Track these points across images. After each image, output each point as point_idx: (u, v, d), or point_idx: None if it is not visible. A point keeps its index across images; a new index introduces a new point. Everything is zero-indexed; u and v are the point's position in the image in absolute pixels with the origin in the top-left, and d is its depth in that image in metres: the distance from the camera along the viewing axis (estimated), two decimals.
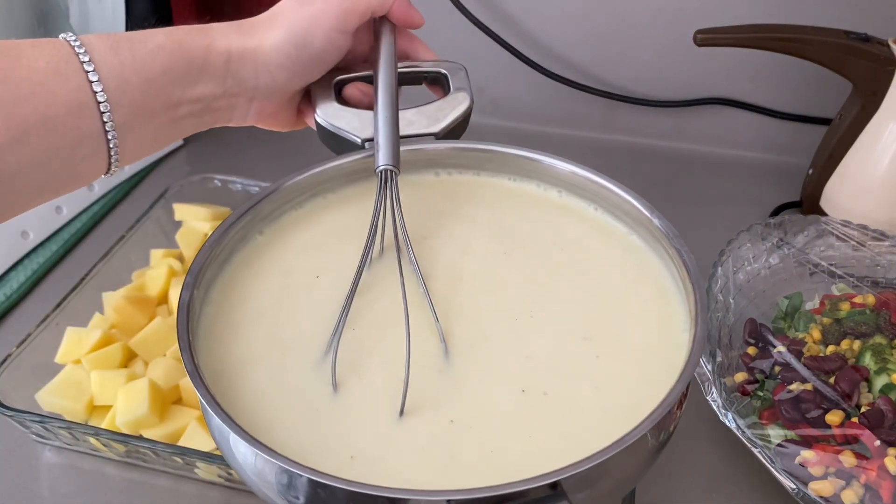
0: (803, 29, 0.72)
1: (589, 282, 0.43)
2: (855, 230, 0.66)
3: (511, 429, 0.35)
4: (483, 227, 0.46)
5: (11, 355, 0.58)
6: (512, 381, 0.37)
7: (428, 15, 0.96)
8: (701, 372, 0.57)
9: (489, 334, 0.40)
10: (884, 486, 0.49)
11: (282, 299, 0.42)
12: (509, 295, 0.42)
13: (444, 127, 0.47)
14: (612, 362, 0.38)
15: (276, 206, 0.46)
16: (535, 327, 0.40)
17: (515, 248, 0.45)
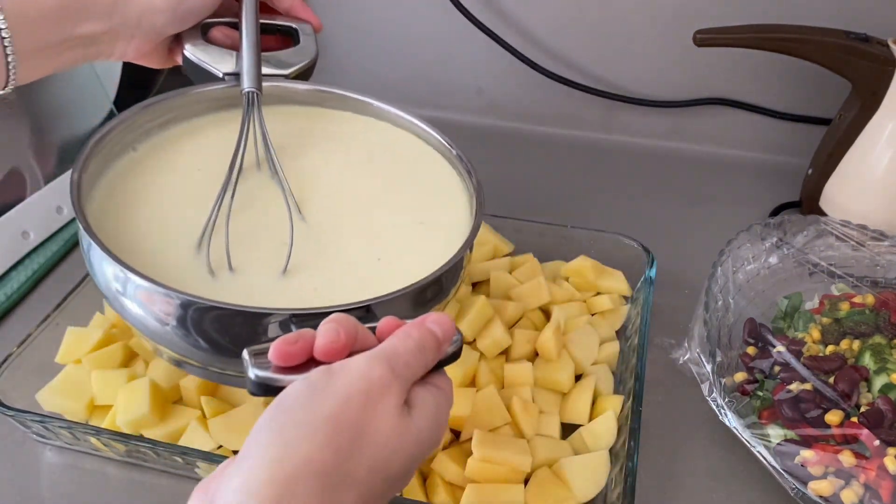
0: (803, 29, 0.72)
1: (415, 183, 0.58)
2: (854, 230, 0.66)
3: (351, 279, 0.49)
4: (331, 142, 0.59)
5: (12, 355, 0.59)
6: (359, 250, 0.51)
7: (428, 15, 0.97)
8: (701, 372, 0.57)
9: (342, 218, 0.53)
10: (883, 485, 0.49)
11: (163, 194, 0.52)
12: (357, 190, 0.55)
13: (294, 70, 0.58)
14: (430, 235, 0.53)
15: (152, 124, 0.56)
16: (374, 214, 0.54)
17: (359, 158, 0.58)
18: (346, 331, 0.36)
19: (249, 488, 0.31)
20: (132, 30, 0.51)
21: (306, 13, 0.59)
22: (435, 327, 0.38)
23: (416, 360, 0.36)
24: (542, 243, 0.73)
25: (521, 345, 0.64)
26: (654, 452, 0.58)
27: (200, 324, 0.42)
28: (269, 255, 0.48)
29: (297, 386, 0.34)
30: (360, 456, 0.33)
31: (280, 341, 0.36)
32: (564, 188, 0.89)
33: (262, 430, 0.33)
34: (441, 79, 1.00)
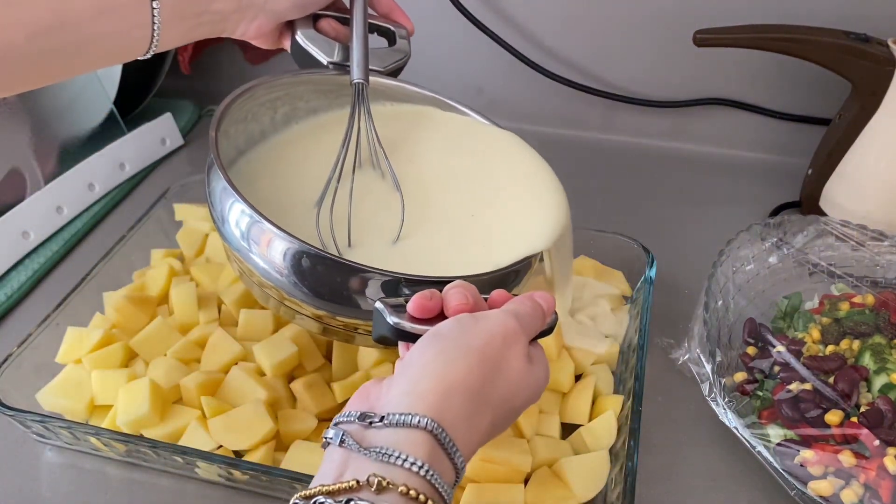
0: (802, 29, 0.72)
1: (507, 172, 0.62)
2: (854, 230, 0.66)
3: (447, 253, 0.54)
4: (429, 133, 0.63)
5: (12, 355, 0.59)
6: (452, 232, 0.55)
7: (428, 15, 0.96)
8: (701, 372, 0.57)
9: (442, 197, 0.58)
10: (883, 485, 0.49)
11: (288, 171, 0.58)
12: (457, 185, 0.59)
13: (389, 66, 0.62)
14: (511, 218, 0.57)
15: (269, 99, 0.60)
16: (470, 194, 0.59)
17: (454, 147, 0.63)
18: (473, 294, 0.44)
19: (416, 391, 0.37)
20: (257, 11, 0.55)
21: (403, 18, 0.64)
22: (542, 301, 0.45)
23: (533, 322, 0.44)
24: None
25: None
26: (654, 452, 0.58)
27: (330, 277, 0.47)
28: (381, 228, 0.54)
29: (449, 323, 0.41)
30: (497, 385, 0.40)
31: (419, 296, 0.43)
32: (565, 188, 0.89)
33: (425, 349, 0.39)
34: (441, 79, 1.00)
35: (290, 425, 0.57)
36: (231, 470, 0.52)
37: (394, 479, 0.34)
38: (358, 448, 0.36)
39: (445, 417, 0.37)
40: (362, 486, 0.34)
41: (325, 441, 0.38)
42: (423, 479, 0.35)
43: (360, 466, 0.35)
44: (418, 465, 0.35)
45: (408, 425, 0.36)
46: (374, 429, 0.37)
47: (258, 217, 0.47)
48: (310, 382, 0.59)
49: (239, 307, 0.65)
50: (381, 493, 0.34)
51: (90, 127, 0.85)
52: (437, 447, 0.36)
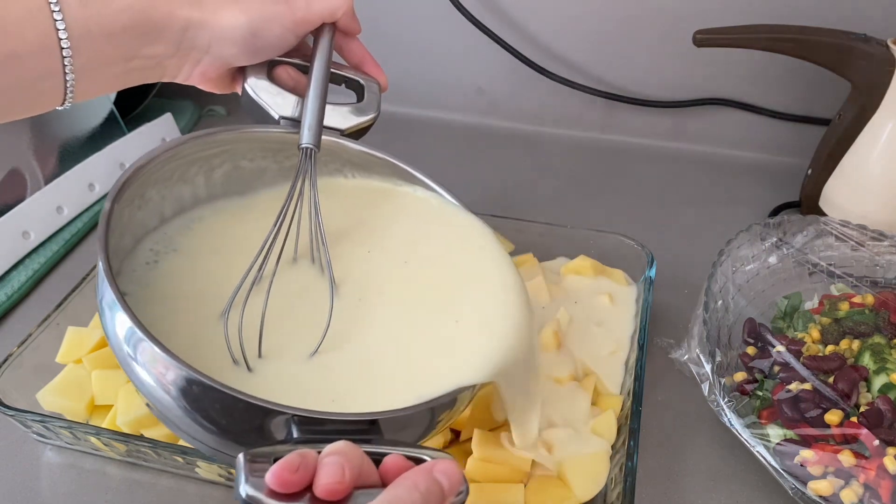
0: (802, 29, 0.72)
1: (457, 275, 0.52)
2: (854, 230, 0.66)
3: (371, 375, 0.44)
4: (378, 222, 0.55)
5: (12, 355, 0.59)
6: (385, 349, 0.46)
7: (428, 15, 0.96)
8: (701, 372, 0.57)
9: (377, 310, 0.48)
10: (883, 485, 0.49)
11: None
12: (406, 289, 0.50)
13: (350, 126, 0.54)
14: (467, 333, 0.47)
15: (201, 155, 0.52)
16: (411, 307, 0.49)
17: (404, 243, 0.53)
18: (351, 469, 0.34)
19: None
20: (200, 55, 0.49)
21: (376, 70, 0.57)
22: (443, 479, 0.36)
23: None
24: (542, 243, 0.73)
25: None
26: (654, 452, 0.58)
27: (201, 401, 0.39)
28: (305, 337, 0.45)
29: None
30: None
31: (281, 466, 0.33)
32: (564, 188, 0.90)
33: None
34: (441, 79, 1.00)
35: None
36: (231, 470, 0.52)
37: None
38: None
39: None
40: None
41: None
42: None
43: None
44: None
45: None
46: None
47: (142, 334, 0.38)
48: None
49: None
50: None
51: (90, 127, 0.85)
52: None
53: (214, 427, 0.39)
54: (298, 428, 0.38)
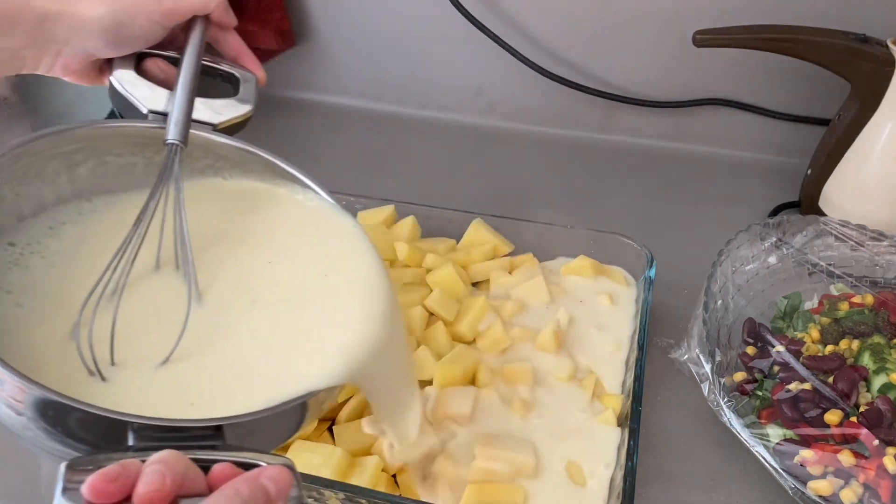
0: (802, 30, 0.72)
1: (326, 277, 0.49)
2: (853, 230, 0.66)
3: (222, 383, 0.42)
4: (246, 224, 0.52)
5: None
6: (241, 355, 0.44)
7: (428, 16, 0.96)
8: (700, 371, 0.57)
9: (231, 323, 0.45)
10: (882, 485, 0.49)
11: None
12: (271, 294, 0.47)
13: (224, 121, 0.51)
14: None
15: (59, 151, 0.48)
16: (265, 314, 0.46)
17: (271, 245, 0.51)
18: (173, 477, 0.32)
19: None
20: (59, 47, 0.47)
21: (251, 63, 0.55)
22: (270, 485, 0.34)
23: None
24: (542, 243, 0.73)
25: (521, 344, 0.64)
26: (654, 452, 0.58)
27: (39, 411, 0.37)
28: (156, 343, 0.43)
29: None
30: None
31: (98, 476, 0.32)
32: (564, 188, 0.90)
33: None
34: (441, 79, 1.00)
35: None
36: None
37: None
38: None
39: None
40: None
41: None
42: None
43: None
44: None
45: None
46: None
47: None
48: None
49: None
50: None
51: None
52: None
53: (61, 437, 0.37)
54: (136, 435, 0.36)
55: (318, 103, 1.06)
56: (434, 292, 0.66)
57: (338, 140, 1.00)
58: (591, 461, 0.55)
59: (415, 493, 0.53)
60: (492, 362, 0.62)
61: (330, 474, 0.52)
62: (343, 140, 1.00)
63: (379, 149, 0.98)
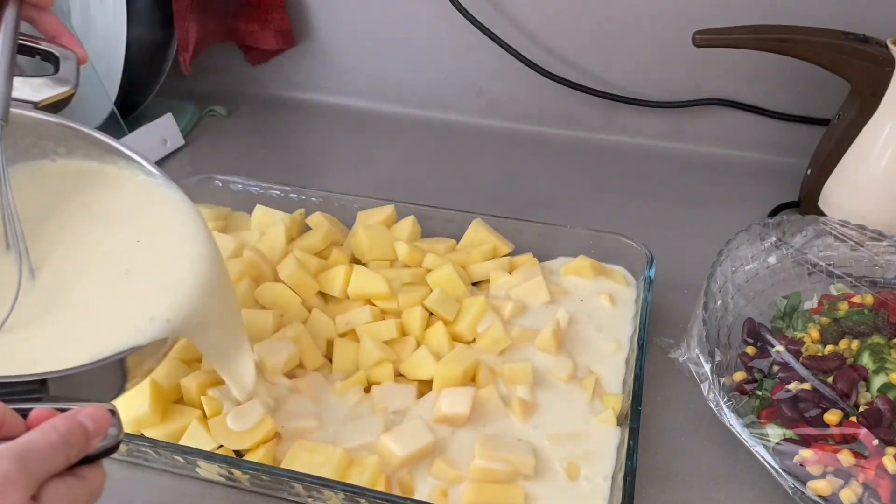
0: (801, 30, 0.73)
1: (151, 242, 0.53)
2: (853, 230, 0.66)
3: (57, 346, 0.46)
4: (90, 207, 0.54)
5: None
6: (73, 321, 0.47)
7: (428, 16, 0.96)
8: (700, 371, 0.57)
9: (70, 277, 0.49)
10: (882, 485, 0.49)
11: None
12: (99, 262, 0.51)
13: (44, 99, 0.52)
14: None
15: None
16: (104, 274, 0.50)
17: (108, 224, 0.53)
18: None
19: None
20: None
21: (71, 42, 0.54)
22: (87, 421, 0.37)
23: (55, 455, 0.35)
24: (542, 243, 0.73)
25: (521, 344, 0.64)
26: (653, 452, 0.58)
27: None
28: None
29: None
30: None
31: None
32: (564, 188, 0.90)
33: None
34: (441, 79, 1.00)
35: (290, 425, 0.57)
36: (231, 469, 0.52)
37: None
38: None
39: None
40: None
41: None
42: None
43: None
44: None
45: None
46: None
47: None
48: (310, 382, 0.60)
49: (239, 307, 0.65)
50: None
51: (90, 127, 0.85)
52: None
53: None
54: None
55: (318, 103, 1.06)
56: (434, 292, 0.66)
57: (338, 140, 1.00)
58: (591, 461, 0.55)
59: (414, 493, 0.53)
60: (491, 362, 0.62)
61: (330, 474, 0.52)
62: (343, 140, 1.00)
63: (379, 149, 0.98)
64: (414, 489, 0.54)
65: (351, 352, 0.62)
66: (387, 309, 0.66)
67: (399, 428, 0.55)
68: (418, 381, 0.61)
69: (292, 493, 0.53)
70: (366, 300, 0.67)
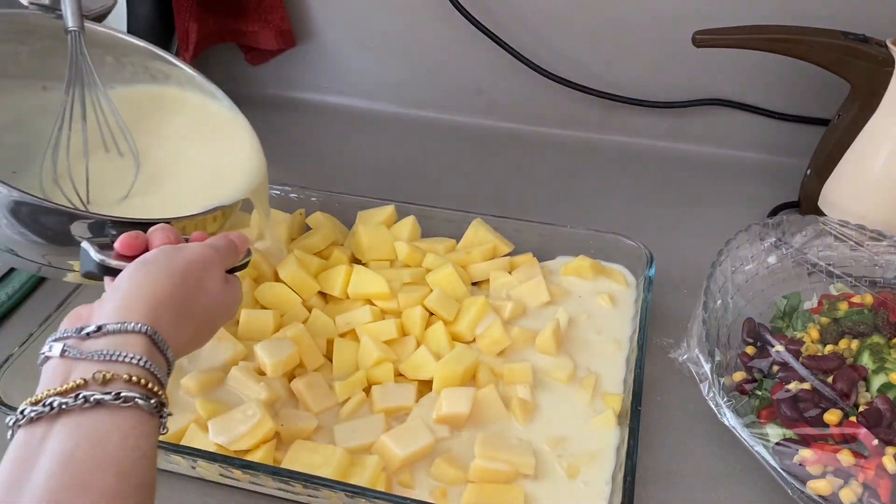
0: (801, 30, 0.73)
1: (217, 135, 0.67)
2: (853, 230, 0.66)
3: (157, 206, 0.60)
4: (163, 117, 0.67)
5: (13, 355, 0.59)
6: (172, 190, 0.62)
7: (428, 16, 0.96)
8: (700, 371, 0.57)
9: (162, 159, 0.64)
10: (882, 484, 0.49)
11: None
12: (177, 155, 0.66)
13: (94, 12, 0.62)
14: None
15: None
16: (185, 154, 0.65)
17: (180, 127, 0.67)
18: (175, 234, 0.50)
19: (128, 306, 0.43)
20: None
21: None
22: (237, 240, 0.53)
23: (228, 254, 0.51)
24: (542, 243, 0.73)
25: (521, 344, 0.64)
26: (653, 452, 0.58)
27: (36, 220, 0.50)
28: (110, 188, 0.60)
29: (153, 252, 0.47)
30: (198, 301, 0.47)
31: (126, 235, 0.48)
32: (564, 188, 0.90)
33: (133, 273, 0.45)
34: (441, 79, 1.00)
35: (290, 425, 0.57)
36: (231, 469, 0.52)
37: (117, 371, 0.39)
38: (81, 354, 0.40)
39: (157, 324, 0.42)
40: (89, 383, 0.38)
41: (44, 357, 0.41)
42: (144, 368, 0.40)
43: (84, 369, 0.39)
44: (138, 359, 0.40)
45: (126, 331, 0.41)
46: (93, 338, 0.41)
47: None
48: (310, 382, 0.60)
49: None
50: (107, 384, 0.38)
51: None
52: (152, 347, 0.41)
53: (50, 239, 0.51)
54: (115, 228, 0.51)
55: (318, 103, 1.06)
56: (434, 292, 0.66)
57: (338, 140, 1.00)
58: (591, 461, 0.55)
59: (414, 493, 0.53)
60: (491, 362, 0.62)
61: (330, 474, 0.52)
62: (343, 140, 1.00)
63: (379, 149, 0.98)
64: (414, 489, 0.54)
65: (351, 352, 0.62)
66: (387, 309, 0.66)
67: (399, 428, 0.55)
68: (418, 381, 0.61)
69: (292, 493, 0.53)
70: (366, 300, 0.67)
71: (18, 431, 0.38)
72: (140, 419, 0.38)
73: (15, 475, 0.35)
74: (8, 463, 0.36)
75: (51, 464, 0.35)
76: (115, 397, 0.37)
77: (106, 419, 0.37)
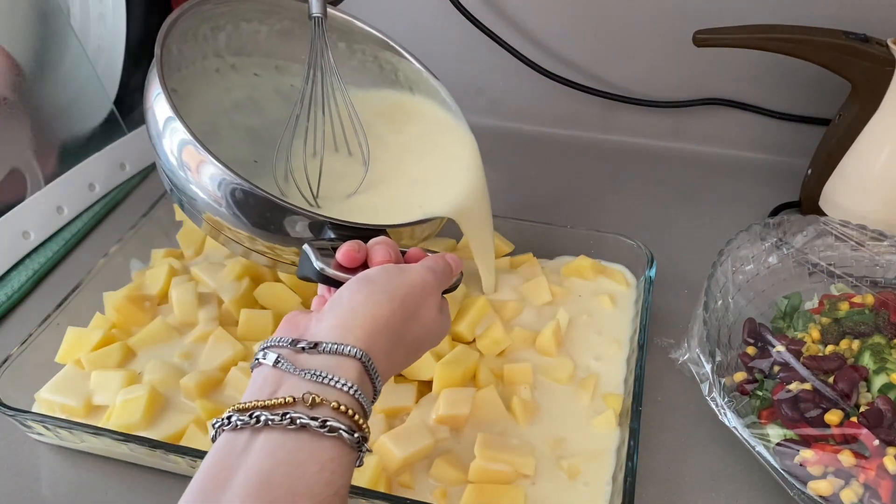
0: (802, 29, 0.72)
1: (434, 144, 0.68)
2: (854, 230, 0.66)
3: (384, 210, 0.61)
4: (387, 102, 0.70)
5: (12, 355, 0.59)
6: (392, 195, 0.63)
7: (428, 15, 0.96)
8: (700, 371, 0.57)
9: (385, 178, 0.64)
10: (883, 485, 0.49)
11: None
12: (401, 158, 0.66)
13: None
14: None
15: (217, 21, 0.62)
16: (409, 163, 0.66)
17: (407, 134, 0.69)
18: (395, 250, 0.50)
19: (347, 326, 0.42)
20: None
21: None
22: (452, 262, 0.52)
23: (445, 278, 0.50)
24: (542, 243, 0.73)
25: (521, 344, 0.64)
26: (654, 452, 0.58)
27: (268, 215, 0.52)
28: (339, 184, 0.62)
29: (377, 270, 0.46)
30: (413, 328, 0.45)
31: (348, 246, 0.48)
32: (564, 188, 0.90)
33: (355, 292, 0.44)
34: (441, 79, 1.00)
35: None
36: None
37: (326, 396, 0.38)
38: (293, 369, 0.40)
39: (372, 350, 0.42)
40: (297, 402, 0.38)
41: (257, 361, 0.41)
42: (352, 397, 0.39)
43: (294, 385, 0.39)
44: (349, 386, 0.39)
45: (341, 353, 0.40)
46: (308, 354, 0.41)
47: (216, 162, 0.51)
48: None
49: (239, 307, 0.65)
50: (314, 408, 0.38)
51: (90, 127, 0.85)
52: (363, 374, 0.41)
53: (279, 233, 0.52)
54: (334, 231, 0.52)
55: None
56: None
57: None
58: (592, 462, 0.55)
59: (414, 493, 0.53)
60: (492, 363, 0.62)
61: None
62: None
63: None
64: (414, 489, 0.54)
65: None
66: None
67: (399, 429, 0.55)
68: (418, 382, 0.61)
69: None
70: None
71: (221, 435, 0.38)
72: (340, 451, 0.37)
73: (212, 484, 0.35)
74: (207, 468, 0.36)
75: (248, 483, 0.35)
76: (321, 425, 0.37)
77: (306, 445, 0.37)
